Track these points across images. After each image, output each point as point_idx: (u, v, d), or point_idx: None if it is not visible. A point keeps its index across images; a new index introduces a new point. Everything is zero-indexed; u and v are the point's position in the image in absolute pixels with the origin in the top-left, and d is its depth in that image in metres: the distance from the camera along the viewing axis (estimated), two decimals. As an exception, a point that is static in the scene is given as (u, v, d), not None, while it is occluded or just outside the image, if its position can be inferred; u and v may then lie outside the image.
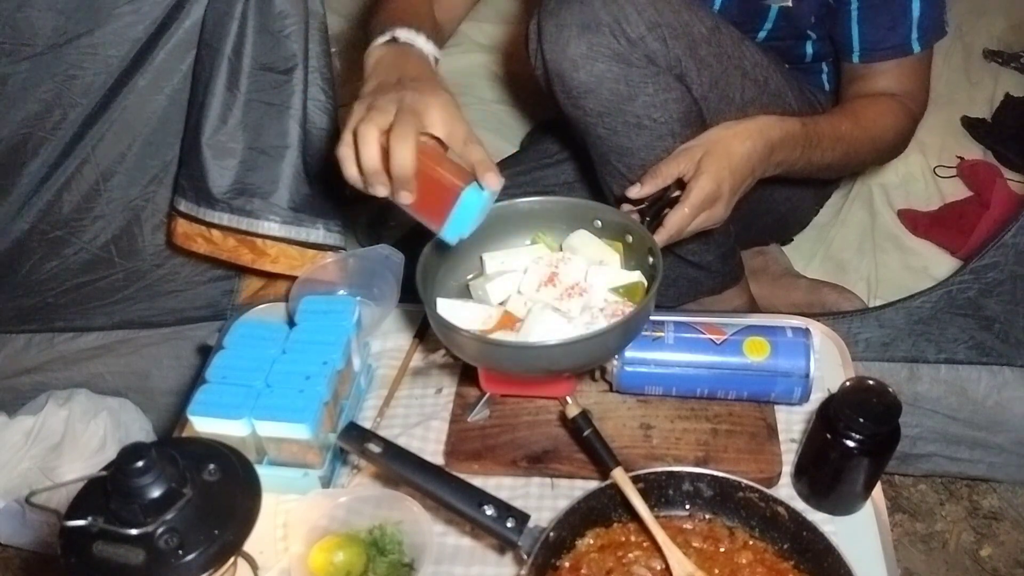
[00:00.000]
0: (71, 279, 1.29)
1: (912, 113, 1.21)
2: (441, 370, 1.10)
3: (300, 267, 1.18)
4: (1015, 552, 1.39)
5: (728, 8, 1.22)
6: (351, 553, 0.87)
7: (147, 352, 1.39)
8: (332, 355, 0.98)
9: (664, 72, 1.08)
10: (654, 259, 0.91)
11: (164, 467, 0.69)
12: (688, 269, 1.27)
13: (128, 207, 1.22)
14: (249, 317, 1.18)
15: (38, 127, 1.13)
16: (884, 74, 1.20)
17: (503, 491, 0.94)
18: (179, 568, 0.69)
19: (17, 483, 1.31)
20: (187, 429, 0.97)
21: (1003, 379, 1.28)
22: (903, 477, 1.47)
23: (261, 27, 1.07)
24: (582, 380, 1.03)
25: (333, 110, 1.17)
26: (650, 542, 0.83)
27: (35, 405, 1.38)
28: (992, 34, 2.04)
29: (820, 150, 1.11)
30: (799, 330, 0.97)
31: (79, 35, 1.06)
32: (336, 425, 0.99)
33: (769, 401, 1.00)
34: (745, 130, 1.05)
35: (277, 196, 1.15)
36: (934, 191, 1.69)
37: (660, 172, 1.03)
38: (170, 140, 1.17)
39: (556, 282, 0.92)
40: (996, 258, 1.17)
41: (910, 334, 1.26)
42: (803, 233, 1.60)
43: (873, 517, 0.93)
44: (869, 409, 0.86)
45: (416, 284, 0.91)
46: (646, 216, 1.00)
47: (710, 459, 0.95)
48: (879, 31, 1.18)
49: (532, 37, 1.10)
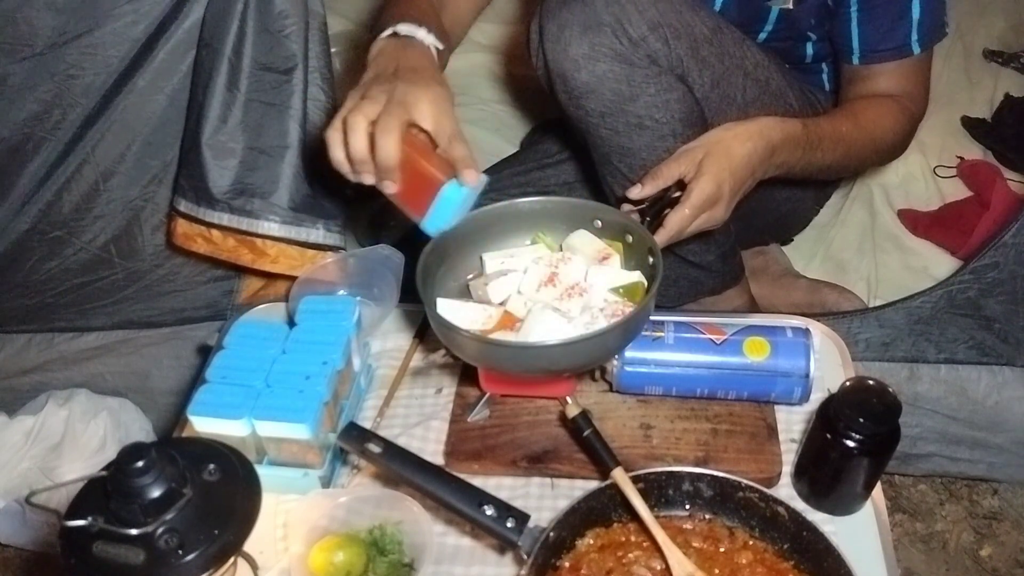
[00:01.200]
0: (71, 279, 1.29)
1: (912, 114, 1.21)
2: (441, 370, 1.10)
3: (300, 267, 1.18)
4: (1015, 552, 1.39)
5: (728, 9, 1.22)
6: (351, 553, 0.87)
7: (147, 352, 1.39)
8: (332, 355, 0.98)
9: (666, 72, 1.08)
10: (654, 259, 0.91)
11: (164, 467, 0.69)
12: (689, 269, 1.27)
13: (128, 207, 1.22)
14: (249, 317, 1.18)
15: (38, 127, 1.13)
16: (884, 75, 1.20)
17: (503, 491, 0.94)
18: (179, 568, 0.69)
19: (17, 483, 1.31)
20: (187, 429, 0.96)
21: (1003, 379, 1.28)
22: (903, 477, 1.47)
23: (261, 27, 1.07)
24: (582, 380, 1.03)
25: (333, 110, 1.16)
26: (650, 542, 0.83)
27: (35, 405, 1.38)
28: (992, 34, 2.04)
29: (821, 151, 1.11)
30: (799, 330, 0.97)
31: (79, 35, 1.06)
32: (336, 425, 0.99)
33: (769, 401, 1.00)
34: (746, 131, 1.05)
35: (277, 196, 1.15)
36: (934, 191, 1.69)
37: (661, 173, 1.03)
38: (170, 140, 1.17)
39: (556, 282, 0.92)
40: (996, 258, 1.17)
41: (910, 334, 1.26)
42: (803, 233, 1.60)
43: (873, 517, 0.93)
44: (869, 409, 0.86)
45: (416, 284, 0.91)
46: (646, 216, 1.00)
47: (710, 459, 0.95)
48: (879, 32, 1.17)
49: (533, 37, 1.10)
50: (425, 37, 1.00)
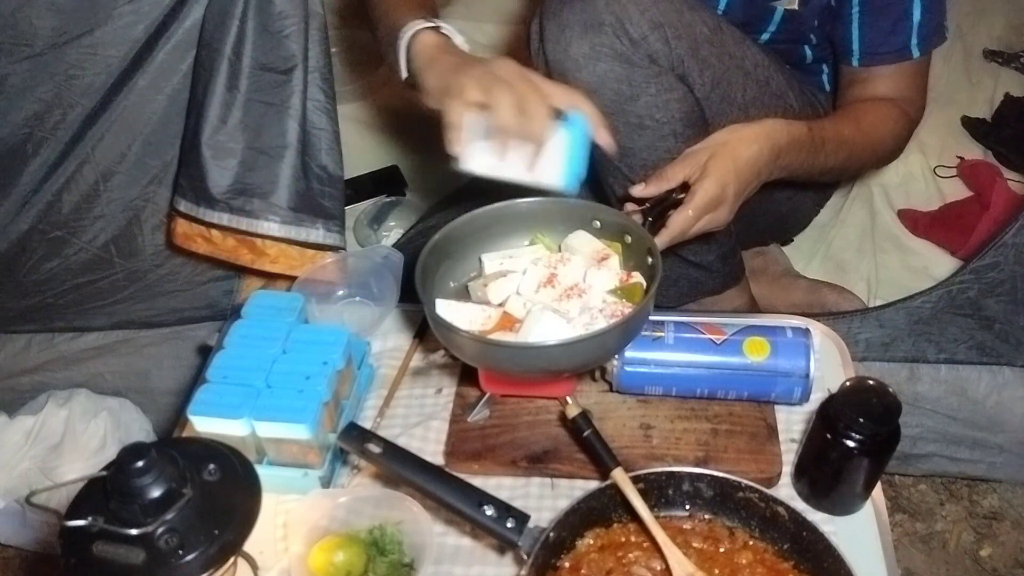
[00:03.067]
0: (71, 279, 1.29)
1: (910, 119, 1.21)
2: (441, 370, 1.10)
3: (300, 267, 1.18)
4: (1015, 552, 1.39)
5: (733, 9, 1.22)
6: (351, 553, 0.87)
7: (147, 352, 1.39)
8: (332, 355, 0.98)
9: (666, 72, 1.08)
10: (653, 260, 0.91)
11: (164, 467, 0.69)
12: (689, 269, 1.27)
13: (128, 207, 1.22)
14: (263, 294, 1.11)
15: (38, 127, 1.13)
16: (883, 78, 1.20)
17: (503, 491, 0.94)
18: (179, 568, 0.69)
19: (17, 483, 1.31)
20: (187, 429, 0.97)
21: (1003, 379, 1.28)
22: (903, 477, 1.47)
23: (261, 27, 1.07)
24: (582, 380, 1.03)
25: (333, 110, 1.16)
26: (650, 542, 0.83)
27: (35, 405, 1.38)
28: (992, 34, 2.04)
29: (824, 154, 1.11)
30: (799, 330, 0.97)
31: (79, 35, 1.06)
32: (336, 425, 0.99)
33: (769, 401, 1.00)
34: (752, 134, 1.04)
35: (276, 196, 1.14)
36: (934, 191, 1.69)
37: (666, 174, 1.02)
38: (170, 140, 1.17)
39: (555, 283, 0.92)
40: (996, 258, 1.17)
41: (910, 334, 1.26)
42: (803, 233, 1.60)
43: (873, 517, 0.93)
44: (869, 409, 0.86)
45: (415, 285, 0.91)
46: (648, 217, 1.00)
47: (710, 459, 0.95)
48: (879, 35, 1.17)
49: (534, 37, 1.10)
50: (447, 30, 1.02)
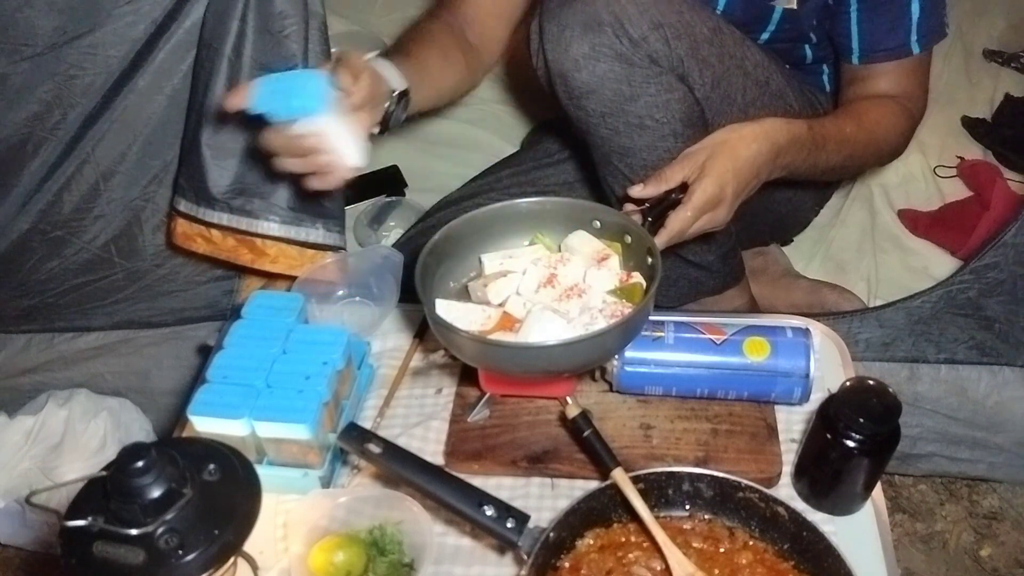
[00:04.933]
0: (71, 279, 1.28)
1: (912, 115, 1.21)
2: (441, 370, 1.10)
3: (300, 267, 1.18)
4: (1015, 552, 1.39)
5: (732, 9, 1.22)
6: (351, 553, 0.87)
7: (147, 352, 1.39)
8: (332, 355, 0.98)
9: (666, 72, 1.08)
10: (653, 260, 0.91)
11: (164, 467, 0.69)
12: (689, 269, 1.27)
13: (128, 207, 1.22)
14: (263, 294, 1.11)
15: (38, 127, 1.13)
16: (884, 76, 1.20)
17: (503, 491, 0.94)
18: (179, 568, 0.69)
19: (17, 483, 1.31)
20: (187, 429, 0.97)
21: (1003, 379, 1.28)
22: (903, 477, 1.47)
23: (261, 27, 1.07)
24: (582, 380, 1.03)
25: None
26: (650, 542, 0.83)
27: (35, 405, 1.38)
28: (992, 34, 2.04)
29: (825, 153, 1.10)
30: (799, 330, 0.97)
31: (79, 35, 1.06)
32: (336, 425, 0.99)
33: (769, 401, 1.00)
34: (752, 133, 1.04)
35: (276, 196, 1.15)
36: (934, 191, 1.69)
37: (665, 175, 1.02)
38: (170, 140, 1.17)
39: (555, 283, 0.92)
40: (996, 258, 1.17)
41: (910, 334, 1.26)
42: (803, 233, 1.60)
43: (873, 517, 0.93)
44: (869, 409, 0.86)
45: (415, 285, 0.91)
46: (648, 217, 1.00)
47: (710, 459, 0.95)
48: (879, 32, 1.17)
49: (534, 37, 1.10)
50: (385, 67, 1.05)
